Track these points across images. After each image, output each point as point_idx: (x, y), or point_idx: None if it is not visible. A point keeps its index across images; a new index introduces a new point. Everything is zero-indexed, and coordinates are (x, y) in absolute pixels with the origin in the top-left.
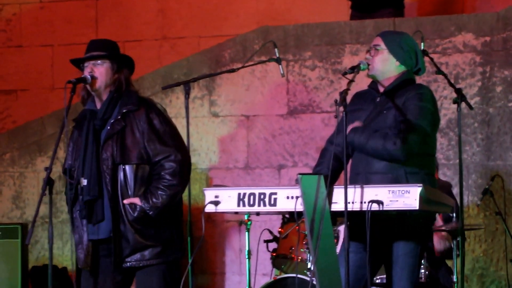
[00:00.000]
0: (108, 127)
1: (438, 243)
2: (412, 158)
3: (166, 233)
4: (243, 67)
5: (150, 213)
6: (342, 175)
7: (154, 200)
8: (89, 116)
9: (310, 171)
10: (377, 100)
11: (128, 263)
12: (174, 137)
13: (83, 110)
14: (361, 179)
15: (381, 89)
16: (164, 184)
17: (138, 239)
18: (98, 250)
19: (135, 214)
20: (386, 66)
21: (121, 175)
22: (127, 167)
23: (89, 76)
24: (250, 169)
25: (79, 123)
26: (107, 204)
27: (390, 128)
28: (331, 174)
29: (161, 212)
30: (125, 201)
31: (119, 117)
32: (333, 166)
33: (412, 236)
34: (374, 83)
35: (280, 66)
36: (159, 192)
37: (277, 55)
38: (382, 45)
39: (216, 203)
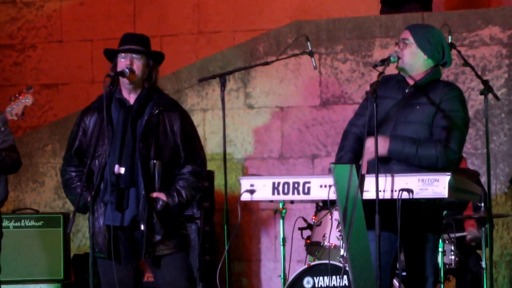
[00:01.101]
0: (144, 123)
1: (469, 231)
2: None
3: (181, 225)
4: (277, 60)
5: (174, 209)
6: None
7: (179, 198)
8: (117, 105)
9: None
10: (406, 91)
11: (155, 252)
12: (198, 140)
13: (100, 96)
14: (382, 166)
15: (410, 81)
16: (189, 184)
17: (162, 230)
18: (117, 237)
19: (159, 208)
20: (415, 60)
21: (151, 169)
22: (158, 163)
23: (127, 70)
24: (284, 159)
25: (99, 109)
26: (134, 194)
27: (421, 123)
28: (355, 156)
29: (183, 209)
30: (153, 194)
31: (155, 113)
32: (356, 149)
33: (430, 223)
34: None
35: (313, 59)
36: (184, 191)
37: (310, 48)
38: (411, 39)
39: (252, 192)
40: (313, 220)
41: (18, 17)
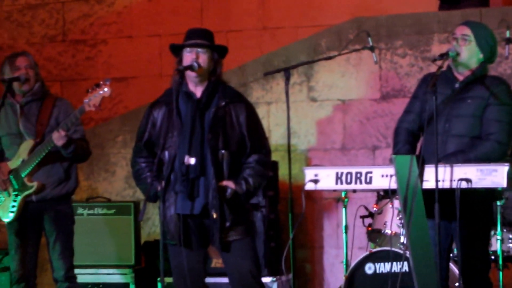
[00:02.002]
0: (212, 114)
1: None
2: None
3: (249, 213)
4: (339, 54)
5: (242, 196)
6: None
7: (246, 185)
8: (185, 98)
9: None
10: (456, 86)
11: (225, 238)
12: (263, 130)
13: (167, 90)
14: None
15: (459, 77)
16: (255, 172)
17: (230, 217)
18: (187, 224)
19: (228, 196)
20: (472, 57)
21: (219, 159)
22: (226, 153)
23: (196, 64)
24: (346, 150)
25: (168, 102)
26: (203, 183)
27: (473, 116)
28: (412, 148)
29: (251, 196)
30: (223, 183)
31: (221, 104)
32: (410, 141)
33: (484, 212)
34: (450, 69)
35: (374, 54)
36: (251, 179)
37: (371, 43)
38: (471, 37)
39: (316, 181)
40: (374, 209)
41: (91, 13)
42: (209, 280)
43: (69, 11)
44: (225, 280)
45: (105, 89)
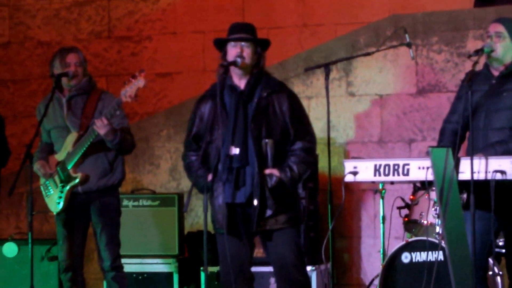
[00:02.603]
0: (255, 105)
1: None
2: None
3: (295, 202)
4: (377, 51)
5: (288, 184)
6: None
7: (291, 173)
8: (229, 91)
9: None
10: (493, 82)
11: (266, 226)
12: (307, 119)
13: (213, 85)
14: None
15: (495, 73)
16: (300, 159)
17: (275, 205)
18: (234, 213)
19: (273, 183)
20: (507, 53)
21: (263, 148)
22: (269, 142)
23: (239, 60)
24: (383, 143)
25: (213, 96)
26: (249, 172)
27: (510, 108)
28: (454, 147)
29: (296, 183)
30: (266, 171)
31: (264, 95)
32: (452, 141)
33: None
34: (487, 66)
35: (411, 50)
36: (295, 166)
37: (408, 40)
38: (505, 33)
39: (355, 173)
40: (411, 200)
41: (136, 10)
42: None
43: (115, 8)
44: (266, 269)
45: (140, 81)
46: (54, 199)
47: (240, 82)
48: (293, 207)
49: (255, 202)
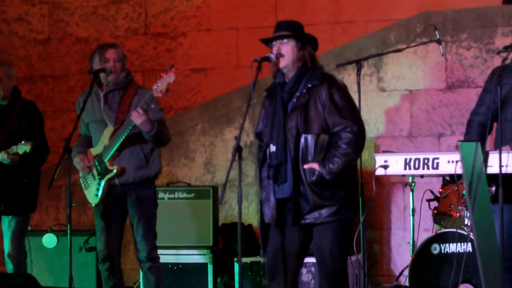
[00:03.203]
0: (294, 100)
1: None
2: None
3: (340, 194)
4: (407, 47)
5: (327, 177)
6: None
7: (330, 166)
8: (278, 88)
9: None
10: None
11: (306, 220)
12: (351, 111)
13: (273, 82)
14: (510, 145)
15: None
16: (340, 152)
17: (316, 200)
18: (283, 207)
19: (314, 178)
20: None
21: (302, 143)
22: (309, 136)
23: (272, 56)
24: (413, 137)
25: (270, 93)
26: (290, 168)
27: None
28: (482, 140)
29: (336, 176)
30: (305, 166)
31: (304, 91)
32: (480, 132)
33: None
34: None
35: (441, 46)
36: (335, 159)
37: (438, 36)
38: None
39: (386, 167)
40: (440, 193)
41: (171, 8)
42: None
43: (151, 5)
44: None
45: (170, 76)
46: (92, 192)
47: (288, 78)
48: (336, 200)
49: (294, 198)
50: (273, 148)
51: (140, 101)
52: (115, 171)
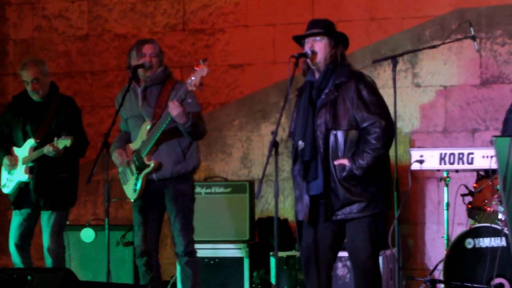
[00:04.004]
0: (323, 97)
1: None
2: None
3: (371, 190)
4: (442, 44)
5: (357, 172)
6: None
7: (360, 161)
8: (308, 86)
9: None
10: None
11: (338, 216)
12: (380, 106)
13: (305, 82)
14: None
15: None
16: (369, 147)
17: (347, 195)
18: (315, 204)
19: (344, 174)
20: None
21: (332, 139)
22: (338, 133)
23: (309, 51)
24: (448, 133)
25: (300, 92)
26: (320, 164)
27: None
28: None
29: (366, 171)
30: (336, 162)
31: (332, 87)
32: None
33: None
34: None
35: (475, 42)
36: (365, 154)
37: (473, 33)
38: None
39: (421, 161)
40: (474, 187)
41: (209, 4)
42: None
43: (189, 2)
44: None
45: (203, 69)
46: (131, 187)
47: (317, 76)
48: (367, 195)
49: (324, 195)
50: (301, 144)
51: (177, 95)
52: (152, 165)
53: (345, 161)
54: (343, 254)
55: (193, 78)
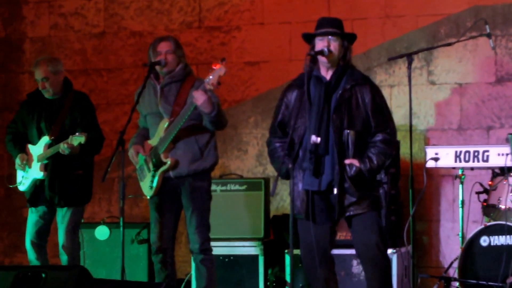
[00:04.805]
0: (338, 96)
1: None
2: None
3: (374, 189)
4: (457, 41)
5: (366, 174)
6: None
7: (371, 164)
8: (315, 81)
9: None
10: None
11: (347, 212)
12: (388, 111)
13: (301, 74)
14: None
15: None
16: (380, 151)
17: (356, 193)
18: (313, 200)
19: (353, 173)
20: None
21: (344, 138)
22: (351, 132)
23: (326, 50)
24: (462, 130)
25: (300, 85)
26: (328, 161)
27: None
28: None
29: (375, 173)
30: (346, 161)
31: (347, 87)
32: None
33: None
34: None
35: (490, 40)
36: (375, 157)
37: (488, 31)
38: None
39: (436, 159)
40: (489, 185)
41: (225, 1)
42: (333, 252)
43: None
44: (348, 251)
45: (221, 69)
46: (147, 184)
47: (327, 73)
48: (372, 193)
49: (335, 191)
50: (315, 139)
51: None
52: (168, 163)
53: (355, 161)
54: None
55: (211, 77)
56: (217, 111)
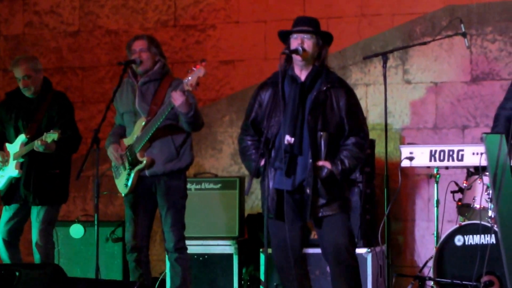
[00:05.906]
0: (313, 97)
1: None
2: None
3: (344, 190)
4: (433, 40)
5: (338, 177)
6: None
7: (342, 167)
8: (290, 80)
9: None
10: None
11: (319, 213)
12: (362, 115)
13: (275, 73)
14: None
15: None
16: (353, 154)
17: (326, 195)
18: (282, 199)
19: (324, 175)
20: None
21: (318, 140)
22: (324, 134)
23: (300, 48)
24: (438, 129)
25: (274, 84)
26: (300, 162)
27: None
28: (507, 133)
29: (346, 176)
30: (319, 163)
31: (323, 88)
32: (507, 127)
33: None
34: None
35: (466, 39)
36: (347, 160)
37: (463, 30)
38: None
39: (411, 158)
40: (464, 184)
41: (201, 0)
42: (309, 251)
43: None
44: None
45: (200, 70)
46: (122, 181)
47: (301, 73)
48: (342, 195)
49: (308, 191)
50: (289, 139)
51: (178, 87)
52: (144, 162)
53: (327, 164)
54: None
55: (190, 78)
56: (194, 112)
